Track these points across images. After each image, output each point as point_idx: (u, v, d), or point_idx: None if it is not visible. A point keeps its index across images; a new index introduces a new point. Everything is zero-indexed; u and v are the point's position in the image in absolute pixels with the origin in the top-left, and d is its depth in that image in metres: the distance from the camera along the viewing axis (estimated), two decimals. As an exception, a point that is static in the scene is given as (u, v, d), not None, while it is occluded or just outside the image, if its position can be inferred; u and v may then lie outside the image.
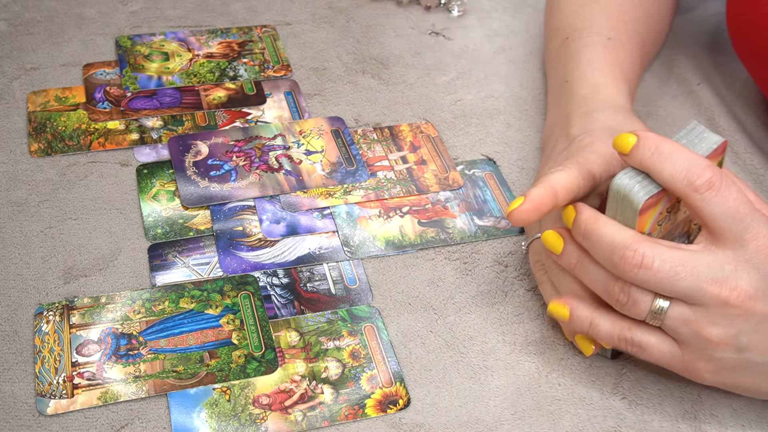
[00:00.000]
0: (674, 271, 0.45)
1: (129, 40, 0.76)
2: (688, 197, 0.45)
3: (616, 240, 0.46)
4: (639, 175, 0.47)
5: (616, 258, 0.46)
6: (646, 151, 0.46)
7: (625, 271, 0.45)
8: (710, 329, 0.45)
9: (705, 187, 0.44)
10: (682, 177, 0.45)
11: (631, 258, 0.45)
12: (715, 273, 0.45)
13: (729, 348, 0.46)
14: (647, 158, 0.45)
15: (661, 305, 0.46)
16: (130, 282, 0.57)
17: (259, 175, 0.64)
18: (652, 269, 0.45)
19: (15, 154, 0.65)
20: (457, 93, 0.74)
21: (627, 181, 0.46)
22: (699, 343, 0.46)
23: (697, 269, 0.45)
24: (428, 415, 0.51)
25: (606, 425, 0.51)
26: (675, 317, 0.46)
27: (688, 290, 0.45)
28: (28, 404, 0.50)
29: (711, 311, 0.45)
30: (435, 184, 0.65)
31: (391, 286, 0.58)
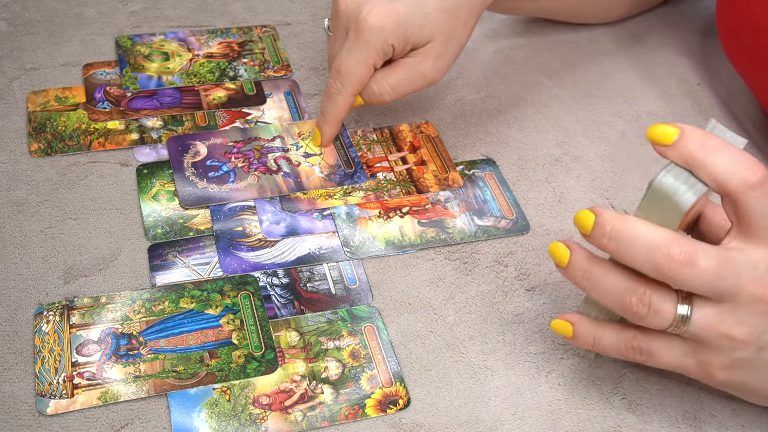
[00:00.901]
0: (718, 269, 0.43)
1: (129, 40, 0.76)
2: (739, 194, 0.43)
3: (656, 238, 0.43)
4: (683, 172, 0.44)
5: (659, 257, 0.43)
6: (695, 144, 0.43)
7: (671, 269, 0.43)
8: (737, 329, 0.44)
9: (758, 184, 0.43)
10: (738, 172, 0.43)
11: (678, 255, 0.43)
12: (752, 272, 0.43)
13: (750, 346, 0.45)
14: (695, 150, 0.43)
15: (682, 312, 0.44)
16: (130, 282, 0.57)
17: (257, 176, 0.64)
18: (699, 267, 0.43)
19: (15, 154, 0.65)
20: (457, 93, 0.74)
21: (672, 180, 0.44)
22: (721, 343, 0.45)
23: (738, 268, 0.43)
24: (428, 415, 0.51)
25: (606, 425, 0.51)
26: (700, 322, 0.44)
27: (728, 289, 0.43)
28: (28, 404, 0.50)
29: (740, 309, 0.44)
30: (435, 184, 0.65)
31: (391, 286, 0.58)
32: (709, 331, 0.45)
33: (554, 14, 0.79)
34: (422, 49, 0.61)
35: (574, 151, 0.69)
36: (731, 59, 0.70)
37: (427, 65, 0.62)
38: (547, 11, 0.78)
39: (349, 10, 0.61)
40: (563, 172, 0.67)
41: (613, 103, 0.74)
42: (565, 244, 0.47)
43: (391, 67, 0.62)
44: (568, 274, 0.47)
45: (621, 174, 0.67)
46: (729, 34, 0.69)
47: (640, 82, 0.76)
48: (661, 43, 0.80)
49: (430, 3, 0.60)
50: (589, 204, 0.64)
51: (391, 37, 0.60)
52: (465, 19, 0.62)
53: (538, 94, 0.74)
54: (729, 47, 0.70)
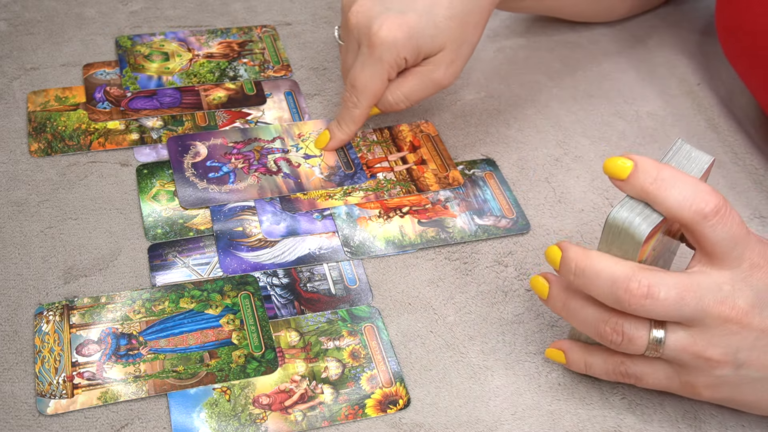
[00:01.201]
0: (680, 297, 0.44)
1: (129, 40, 0.76)
2: (695, 225, 0.44)
3: (616, 273, 0.44)
4: (637, 205, 0.45)
5: (620, 292, 0.44)
6: (647, 178, 0.44)
7: (631, 303, 0.44)
8: (710, 350, 0.45)
9: (713, 214, 0.43)
10: (690, 204, 0.43)
11: (636, 290, 0.44)
12: (715, 294, 0.44)
13: (728, 365, 0.46)
14: (648, 185, 0.44)
15: (657, 336, 0.45)
16: (130, 282, 0.57)
17: (257, 177, 0.64)
18: (659, 298, 0.44)
19: (15, 154, 0.65)
20: (457, 93, 0.74)
21: (626, 214, 0.45)
22: (698, 363, 0.46)
23: (700, 292, 0.44)
24: (428, 415, 0.51)
25: (606, 425, 0.51)
26: (674, 345, 0.46)
27: (693, 314, 0.44)
28: (28, 404, 0.50)
29: (711, 332, 0.45)
30: (435, 184, 0.65)
31: (391, 286, 0.58)
32: (685, 353, 0.46)
33: (558, 13, 0.79)
34: (434, 57, 0.62)
35: (574, 151, 0.69)
36: (730, 60, 0.71)
37: (439, 73, 0.62)
38: (551, 10, 0.78)
39: (360, 25, 0.61)
40: (563, 172, 0.67)
41: (613, 103, 0.74)
42: (544, 277, 0.49)
43: (404, 77, 0.63)
44: (549, 305, 0.50)
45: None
46: (728, 34, 0.69)
47: (640, 82, 0.76)
48: (661, 43, 0.80)
49: (440, 11, 0.60)
50: (589, 204, 0.64)
51: (403, 51, 0.60)
52: (475, 22, 0.62)
53: (538, 94, 0.74)
54: (728, 48, 0.70)
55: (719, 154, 0.69)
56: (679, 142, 0.47)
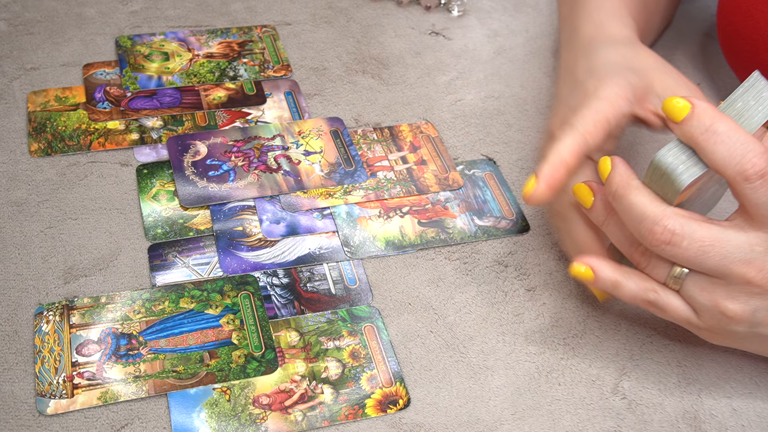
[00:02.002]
0: (702, 250, 0.44)
1: (129, 40, 0.76)
2: (737, 184, 0.44)
3: (646, 212, 0.45)
4: (684, 152, 0.44)
5: (644, 230, 0.45)
6: (700, 127, 0.44)
7: (652, 245, 0.45)
8: (728, 303, 0.45)
9: (756, 177, 0.43)
10: (735, 163, 0.43)
11: (659, 234, 0.45)
12: (745, 253, 0.44)
13: (744, 323, 0.46)
14: (699, 134, 0.44)
15: (681, 270, 0.46)
16: (130, 282, 0.57)
17: (257, 175, 0.64)
18: (681, 247, 0.44)
19: (15, 154, 0.65)
20: (457, 93, 0.74)
21: (671, 159, 0.44)
22: (715, 313, 0.46)
23: (726, 249, 0.44)
24: (428, 415, 0.51)
25: (606, 425, 0.51)
26: (694, 285, 0.46)
27: (715, 268, 0.45)
28: (28, 404, 0.50)
29: (732, 287, 0.45)
30: (435, 184, 0.65)
31: (391, 286, 0.58)
32: (702, 295, 0.46)
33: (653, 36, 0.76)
34: None
35: (574, 151, 0.69)
36: (731, 65, 0.70)
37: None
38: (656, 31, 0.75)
39: None
40: (563, 172, 0.67)
41: (613, 103, 0.74)
42: (590, 186, 0.50)
43: None
44: (589, 215, 0.50)
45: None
46: (729, 41, 0.69)
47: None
48: (661, 43, 0.80)
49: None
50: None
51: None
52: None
53: (538, 94, 0.74)
54: (729, 53, 0.70)
55: None
56: (756, 76, 0.45)
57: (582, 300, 0.58)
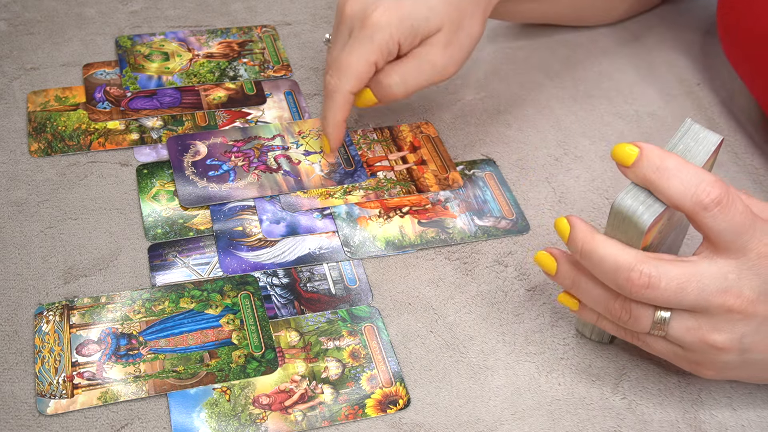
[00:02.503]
0: (681, 287, 0.44)
1: (129, 40, 0.76)
2: (695, 215, 0.44)
3: (619, 261, 0.45)
4: (641, 193, 0.46)
5: (620, 280, 0.45)
6: (651, 166, 0.45)
7: (632, 292, 0.45)
8: (714, 336, 0.46)
9: (713, 205, 0.44)
10: (690, 195, 0.44)
11: (637, 280, 0.45)
12: (720, 283, 0.45)
13: (733, 351, 0.46)
14: (651, 173, 0.45)
15: (663, 316, 0.46)
16: (130, 282, 0.57)
17: (257, 175, 0.64)
18: (659, 289, 0.44)
19: (15, 154, 0.65)
20: (457, 93, 0.74)
21: (630, 202, 0.45)
22: (703, 348, 0.46)
23: (703, 282, 0.44)
24: (428, 415, 0.51)
25: (606, 425, 0.51)
26: (678, 327, 0.46)
27: (695, 303, 0.45)
28: (28, 404, 0.50)
29: (715, 319, 0.45)
30: (435, 184, 0.65)
31: (391, 286, 0.58)
32: (689, 336, 0.46)
33: (554, 19, 0.78)
34: (430, 39, 0.60)
35: (574, 151, 0.69)
36: (732, 62, 0.71)
37: (435, 54, 0.60)
38: (547, 16, 0.77)
39: (354, 11, 0.60)
40: (563, 172, 0.67)
41: (613, 103, 0.74)
42: (550, 253, 0.50)
43: (399, 60, 0.61)
44: (557, 281, 0.50)
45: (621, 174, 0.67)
46: (730, 37, 0.69)
47: (640, 82, 0.76)
48: (661, 42, 0.80)
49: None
50: (589, 204, 0.64)
51: (396, 33, 0.59)
52: (471, 11, 0.61)
53: (538, 94, 0.74)
54: (730, 51, 0.70)
55: (719, 154, 0.69)
56: (689, 122, 0.48)
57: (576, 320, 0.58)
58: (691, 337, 0.46)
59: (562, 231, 0.48)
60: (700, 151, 0.47)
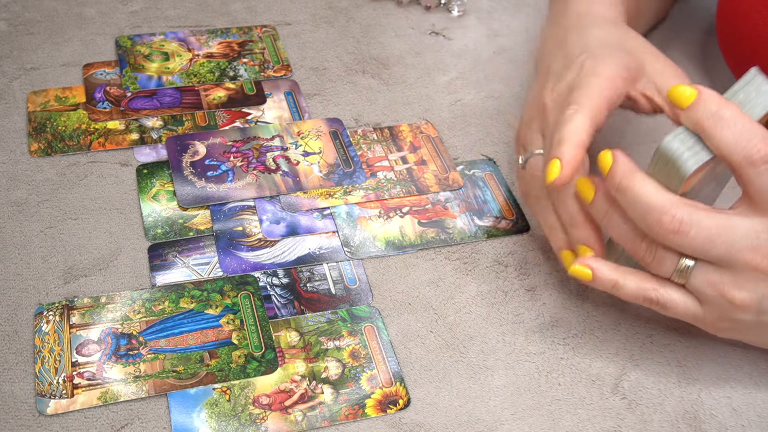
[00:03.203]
0: (710, 239, 0.44)
1: (129, 40, 0.76)
2: (741, 169, 0.44)
3: (653, 202, 0.45)
4: (690, 138, 0.45)
5: (651, 221, 0.45)
6: (707, 112, 0.44)
7: (660, 235, 0.45)
8: (735, 292, 0.45)
9: (761, 161, 0.43)
10: (741, 148, 0.43)
11: (668, 223, 0.44)
12: (751, 241, 0.44)
13: (751, 311, 0.46)
14: (705, 119, 0.44)
15: (687, 264, 0.46)
16: (130, 282, 0.57)
17: (256, 175, 0.64)
18: (688, 236, 0.44)
19: (15, 154, 0.65)
20: (457, 93, 0.74)
21: (677, 145, 0.45)
22: (722, 303, 0.46)
23: (733, 237, 0.44)
24: (428, 415, 0.51)
25: (606, 425, 0.51)
26: (701, 277, 0.46)
27: (722, 257, 0.45)
28: (28, 404, 0.50)
29: (739, 275, 0.45)
30: (435, 185, 0.65)
31: (391, 286, 0.58)
32: (709, 288, 0.46)
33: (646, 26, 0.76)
34: None
35: (574, 151, 0.69)
36: (730, 66, 0.70)
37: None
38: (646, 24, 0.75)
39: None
40: (563, 172, 0.67)
41: (613, 103, 0.74)
42: (591, 181, 0.49)
43: None
44: (591, 210, 0.50)
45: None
46: (728, 42, 0.69)
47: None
48: (661, 43, 0.80)
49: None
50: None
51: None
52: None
53: (538, 94, 0.74)
54: (728, 55, 0.70)
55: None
56: (755, 70, 0.46)
57: (582, 300, 0.58)
58: (711, 291, 0.46)
59: (603, 164, 0.47)
60: (759, 103, 0.46)
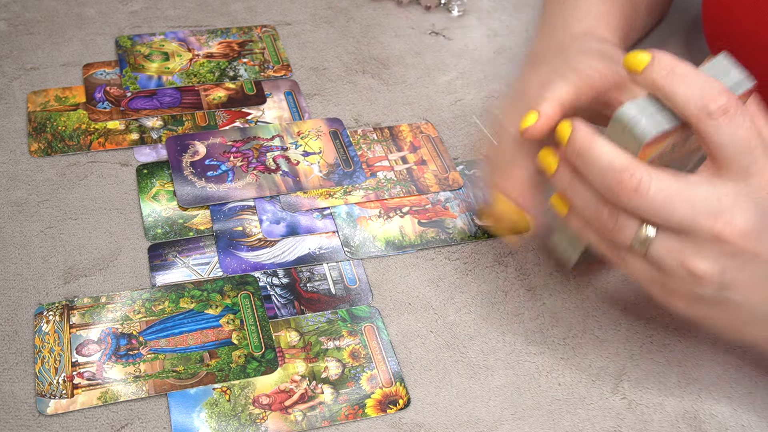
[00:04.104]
0: (670, 200, 0.42)
1: (129, 40, 0.76)
2: (699, 122, 0.43)
3: (613, 162, 0.43)
4: (650, 106, 0.44)
5: (611, 180, 0.43)
6: (661, 71, 0.43)
7: (620, 195, 0.43)
8: (696, 261, 0.43)
9: (719, 112, 0.42)
10: (697, 99, 0.42)
11: (627, 181, 0.43)
12: (712, 205, 0.42)
13: (712, 283, 0.44)
14: (660, 78, 0.43)
15: (648, 233, 0.44)
16: (130, 282, 0.57)
17: (256, 175, 0.64)
18: (648, 196, 0.43)
19: (15, 154, 0.65)
20: (457, 93, 0.74)
21: (635, 112, 0.43)
22: (682, 273, 0.44)
23: (694, 200, 0.43)
24: (428, 415, 0.51)
25: (606, 425, 0.51)
26: (661, 246, 0.44)
27: (683, 221, 0.43)
28: (28, 404, 0.50)
29: (701, 244, 0.43)
30: (435, 185, 0.65)
31: (391, 286, 0.58)
32: (670, 257, 0.44)
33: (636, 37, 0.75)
34: None
35: (574, 151, 0.69)
36: None
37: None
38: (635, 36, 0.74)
39: None
40: (563, 172, 0.67)
41: (613, 103, 0.74)
42: (554, 152, 0.48)
43: None
44: (554, 181, 0.48)
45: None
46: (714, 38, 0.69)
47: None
48: (660, 42, 0.80)
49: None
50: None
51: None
52: None
53: (538, 94, 0.74)
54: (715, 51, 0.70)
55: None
56: (721, 56, 0.45)
57: (582, 300, 0.58)
58: (671, 260, 0.44)
59: (563, 132, 0.46)
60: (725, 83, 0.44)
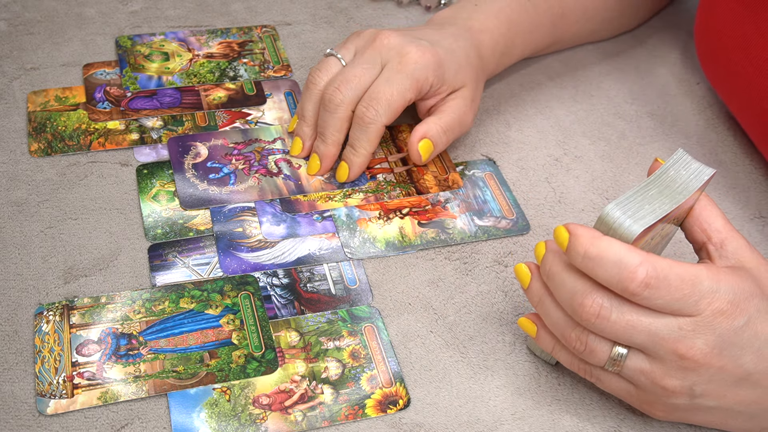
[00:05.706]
0: (631, 325, 0.44)
1: (129, 40, 0.76)
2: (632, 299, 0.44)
3: (576, 286, 0.45)
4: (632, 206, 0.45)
5: (575, 304, 0.45)
6: (577, 256, 0.44)
7: (583, 318, 0.45)
8: (666, 380, 0.45)
9: (641, 288, 0.43)
10: (615, 283, 0.43)
11: (589, 306, 0.44)
12: (672, 332, 0.44)
13: (683, 396, 0.46)
14: (579, 263, 0.44)
15: (620, 352, 0.46)
16: (130, 282, 0.57)
17: (258, 179, 0.64)
18: (609, 320, 0.44)
19: (15, 154, 0.65)
20: (457, 93, 0.74)
21: (618, 214, 0.45)
22: (655, 389, 0.46)
23: (654, 326, 0.44)
24: (428, 415, 0.51)
25: (606, 425, 0.51)
26: (633, 367, 0.46)
27: (645, 344, 0.45)
28: (28, 404, 0.50)
29: (667, 364, 0.45)
30: (435, 186, 0.65)
31: (391, 287, 0.58)
32: (642, 376, 0.46)
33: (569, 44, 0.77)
34: (459, 92, 0.64)
35: (574, 151, 0.69)
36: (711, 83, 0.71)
37: (466, 108, 0.64)
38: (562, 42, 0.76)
39: (391, 45, 0.62)
40: (563, 172, 0.67)
41: (613, 103, 0.74)
42: (529, 268, 0.49)
43: (438, 113, 0.63)
44: (527, 296, 0.50)
45: (621, 174, 0.67)
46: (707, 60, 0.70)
47: (640, 82, 0.76)
48: (660, 42, 0.80)
49: (461, 54, 0.64)
50: (589, 204, 0.64)
51: (431, 76, 0.61)
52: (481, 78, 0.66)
53: (538, 94, 0.74)
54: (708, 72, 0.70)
55: (719, 154, 0.69)
56: (680, 152, 0.48)
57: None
58: (644, 379, 0.46)
59: (538, 253, 0.48)
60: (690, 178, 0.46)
